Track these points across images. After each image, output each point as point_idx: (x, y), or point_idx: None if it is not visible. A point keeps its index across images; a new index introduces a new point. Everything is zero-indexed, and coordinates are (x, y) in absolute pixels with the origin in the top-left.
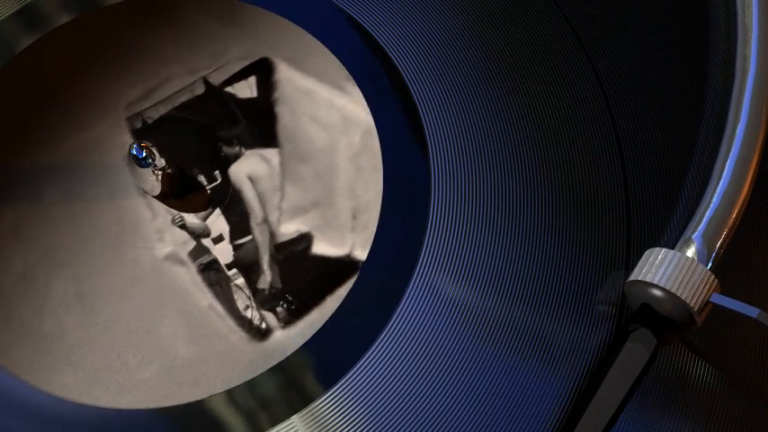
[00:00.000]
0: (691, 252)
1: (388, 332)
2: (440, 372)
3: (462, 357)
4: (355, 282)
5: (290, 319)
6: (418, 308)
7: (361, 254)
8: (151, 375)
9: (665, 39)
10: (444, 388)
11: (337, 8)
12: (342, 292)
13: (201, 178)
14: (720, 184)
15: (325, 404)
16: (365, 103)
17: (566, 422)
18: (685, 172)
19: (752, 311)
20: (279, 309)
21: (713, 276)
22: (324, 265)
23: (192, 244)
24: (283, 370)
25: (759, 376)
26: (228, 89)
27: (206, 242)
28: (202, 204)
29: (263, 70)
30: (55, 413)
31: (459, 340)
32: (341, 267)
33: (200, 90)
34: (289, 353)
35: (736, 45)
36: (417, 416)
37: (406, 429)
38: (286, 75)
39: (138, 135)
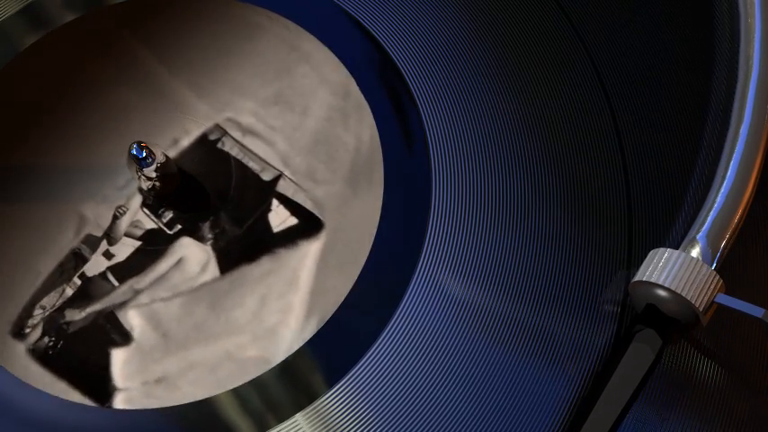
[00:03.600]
0: (695, 252)
1: (391, 329)
2: (443, 370)
3: (465, 356)
4: (358, 279)
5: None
6: (421, 305)
7: (363, 251)
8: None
9: (667, 39)
10: (448, 386)
11: (339, 8)
12: (343, 290)
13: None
14: (724, 185)
15: (329, 402)
16: (365, 102)
17: (571, 422)
18: (689, 172)
19: (757, 311)
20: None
21: (718, 276)
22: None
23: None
24: (287, 368)
25: (764, 376)
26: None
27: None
28: (203, 205)
29: None
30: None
31: (462, 338)
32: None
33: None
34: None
35: (740, 45)
36: (421, 414)
37: (409, 427)
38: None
39: None
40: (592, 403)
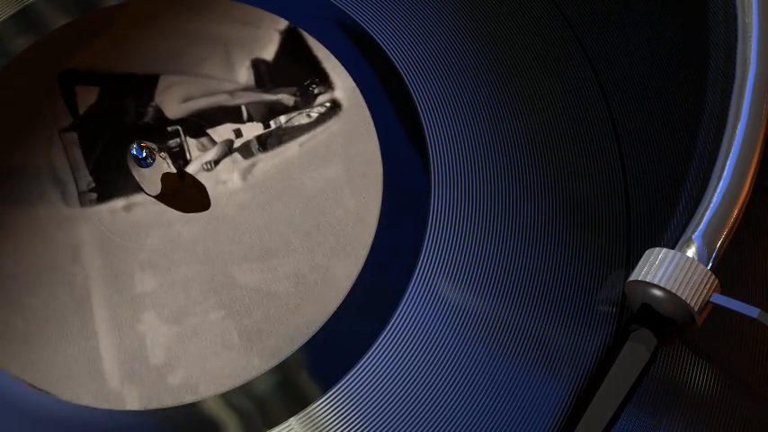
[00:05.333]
0: (691, 252)
1: (386, 335)
2: (438, 374)
3: (461, 359)
4: (354, 283)
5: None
6: (417, 310)
7: (360, 256)
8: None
9: (665, 38)
10: (442, 390)
11: (338, 9)
12: (340, 295)
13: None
14: (721, 184)
15: (322, 407)
16: (365, 104)
17: (566, 423)
18: (685, 172)
19: (752, 311)
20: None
21: (713, 276)
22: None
23: None
24: (281, 372)
25: (759, 376)
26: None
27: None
28: (203, 205)
29: None
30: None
31: (458, 342)
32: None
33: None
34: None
35: (737, 45)
36: (415, 418)
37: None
38: None
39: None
40: (587, 403)
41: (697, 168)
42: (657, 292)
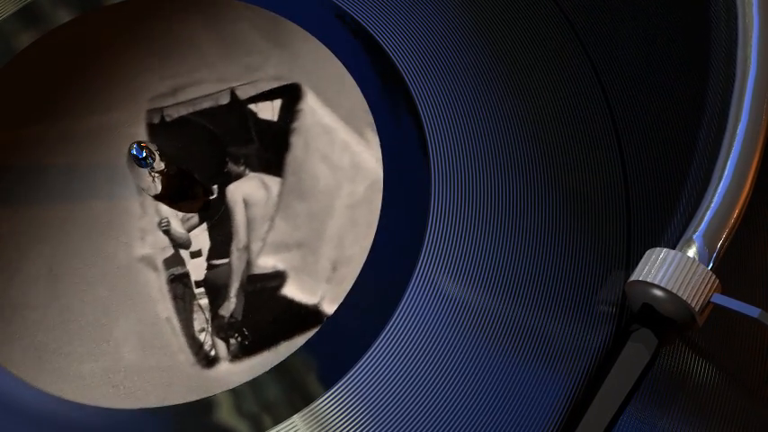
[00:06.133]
0: (692, 252)
1: (388, 331)
2: (440, 371)
3: (462, 357)
4: (356, 280)
5: (239, 354)
6: (418, 307)
7: (362, 252)
8: (89, 371)
9: (665, 38)
10: (444, 388)
11: (339, 9)
12: (341, 292)
13: (198, 188)
14: (721, 184)
15: (326, 404)
16: (365, 103)
17: (567, 422)
18: (686, 172)
19: (753, 311)
20: (232, 340)
21: (714, 276)
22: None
23: (170, 252)
24: (284, 369)
25: (759, 376)
26: (252, 106)
27: (184, 253)
28: (198, 208)
29: (290, 96)
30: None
31: (460, 340)
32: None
33: (225, 100)
34: (228, 387)
35: (737, 45)
36: (417, 415)
37: (406, 428)
38: (311, 106)
39: (152, 131)
40: (587, 403)
41: (697, 168)
42: (658, 293)
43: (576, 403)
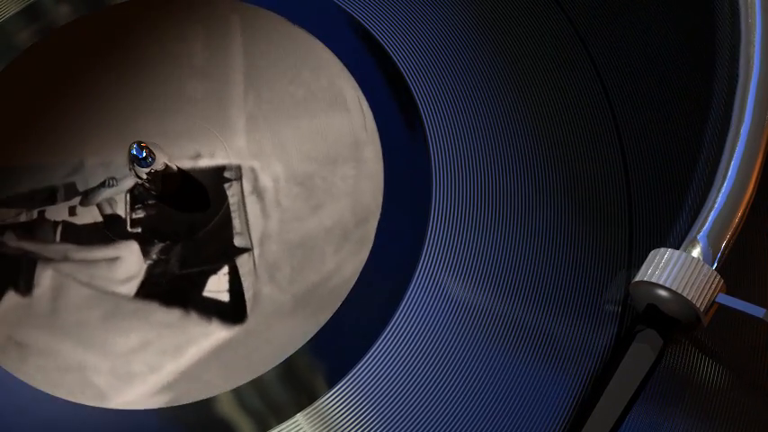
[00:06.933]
0: (696, 252)
1: (391, 329)
2: (443, 370)
3: (465, 356)
4: (358, 279)
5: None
6: (421, 305)
7: (363, 251)
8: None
9: (668, 39)
10: (448, 386)
11: (339, 8)
12: (344, 290)
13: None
14: (725, 185)
15: (329, 402)
16: (366, 102)
17: (572, 423)
18: (690, 172)
19: (758, 311)
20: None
21: (719, 276)
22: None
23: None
24: (288, 368)
25: (764, 376)
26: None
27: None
28: (203, 205)
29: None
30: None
31: (462, 339)
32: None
33: None
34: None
35: (740, 46)
36: (421, 413)
37: (410, 427)
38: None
39: None
40: (592, 404)
41: (701, 168)
42: (663, 293)
43: (580, 404)
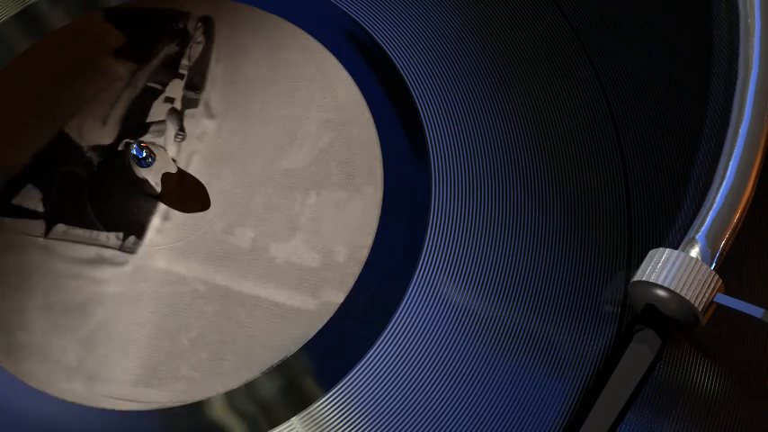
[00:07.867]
0: (695, 252)
1: (387, 334)
2: (440, 375)
3: (462, 360)
4: (355, 283)
5: None
6: (418, 310)
7: (361, 255)
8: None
9: (667, 38)
10: (444, 391)
11: (338, 9)
12: (341, 295)
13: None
14: (724, 184)
15: (324, 406)
16: (365, 104)
17: (570, 423)
18: (688, 172)
19: (756, 311)
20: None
21: (717, 276)
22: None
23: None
24: (283, 371)
25: (763, 376)
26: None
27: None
28: (203, 205)
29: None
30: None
31: (459, 343)
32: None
33: None
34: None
35: (739, 46)
36: (417, 418)
37: (406, 431)
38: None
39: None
40: (591, 403)
41: (700, 168)
42: (661, 293)
43: (579, 405)
